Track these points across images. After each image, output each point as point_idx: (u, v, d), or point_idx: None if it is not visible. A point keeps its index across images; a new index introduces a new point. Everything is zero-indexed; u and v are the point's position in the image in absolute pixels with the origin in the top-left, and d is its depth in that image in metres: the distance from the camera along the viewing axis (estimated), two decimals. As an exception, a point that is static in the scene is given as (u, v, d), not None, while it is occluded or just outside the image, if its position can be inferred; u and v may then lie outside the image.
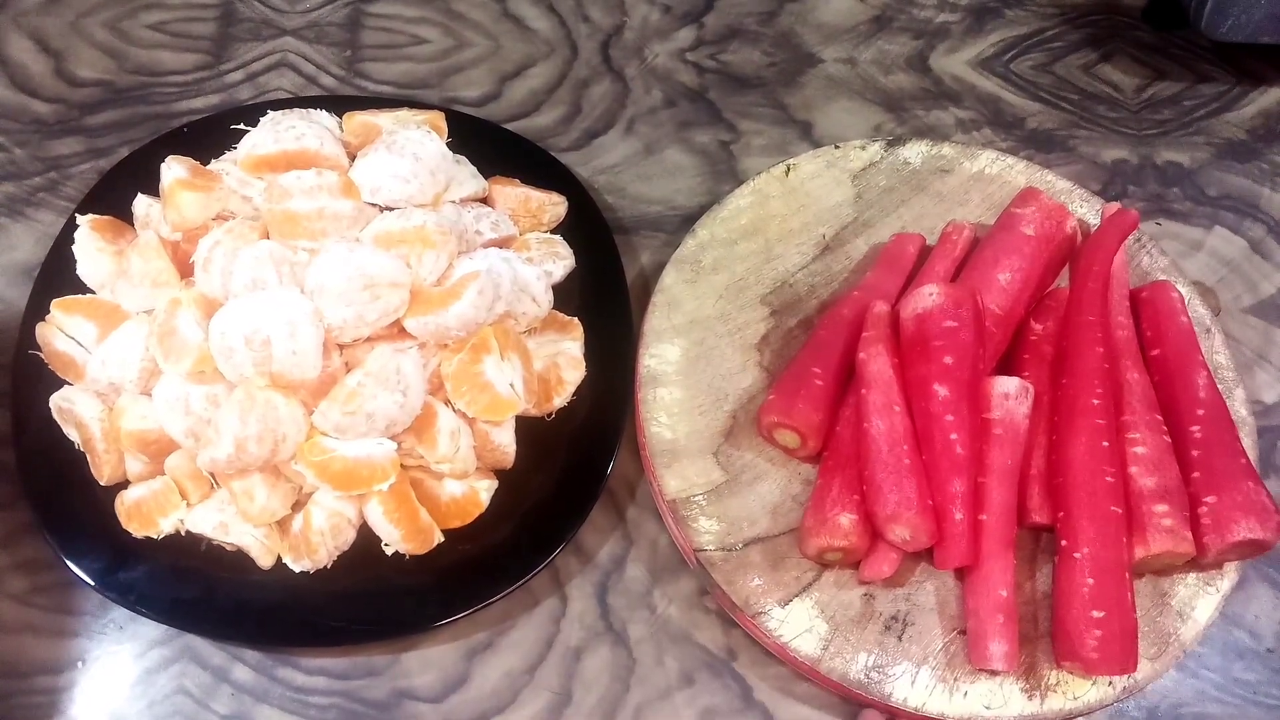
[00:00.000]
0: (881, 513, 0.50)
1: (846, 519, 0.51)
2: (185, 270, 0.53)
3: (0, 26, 0.73)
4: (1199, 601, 0.53)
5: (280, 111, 0.58)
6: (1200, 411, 0.55)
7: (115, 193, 0.59)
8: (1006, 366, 0.58)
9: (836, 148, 0.67)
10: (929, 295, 0.54)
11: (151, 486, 0.52)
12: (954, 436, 0.51)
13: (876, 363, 0.54)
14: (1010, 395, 0.53)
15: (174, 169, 0.55)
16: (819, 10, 0.79)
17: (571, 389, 0.57)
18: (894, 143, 0.67)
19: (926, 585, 0.53)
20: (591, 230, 0.62)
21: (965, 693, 0.50)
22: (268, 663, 0.52)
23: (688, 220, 0.65)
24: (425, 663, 0.53)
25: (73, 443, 0.54)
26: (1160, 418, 0.55)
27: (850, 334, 0.57)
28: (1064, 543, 0.51)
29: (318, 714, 0.51)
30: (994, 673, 0.50)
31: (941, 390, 0.52)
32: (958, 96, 0.75)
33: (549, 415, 0.57)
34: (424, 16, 0.76)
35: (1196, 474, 0.53)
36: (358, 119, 0.59)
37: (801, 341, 0.59)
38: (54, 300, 0.55)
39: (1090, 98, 0.75)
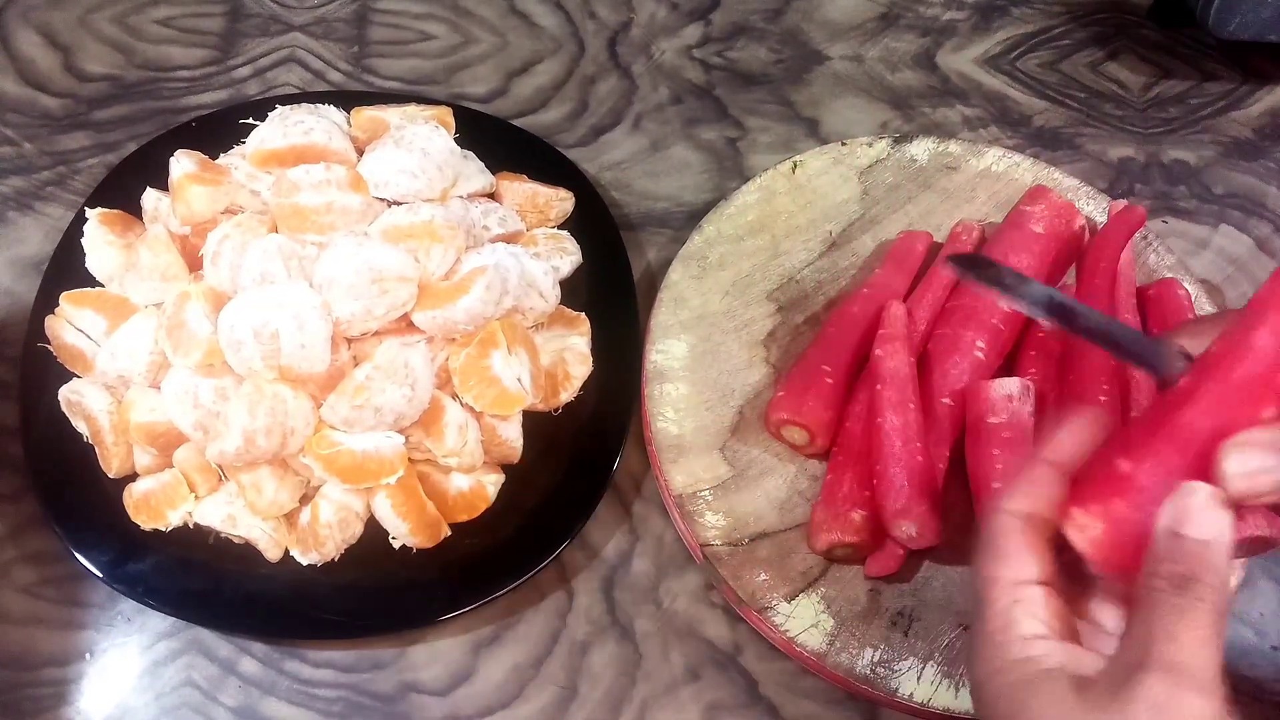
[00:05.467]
0: (891, 507, 0.50)
1: (859, 515, 0.51)
2: (194, 264, 0.53)
3: (9, 21, 0.73)
4: (1205, 598, 0.53)
5: (288, 106, 0.58)
6: (1207, 408, 0.55)
7: (124, 187, 0.59)
8: (1013, 363, 0.58)
9: (843, 144, 0.67)
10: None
11: (160, 479, 0.52)
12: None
13: (894, 360, 0.54)
14: (1014, 397, 0.53)
15: (183, 163, 0.55)
16: (826, 7, 0.79)
17: (578, 384, 0.57)
18: (900, 140, 0.67)
19: (933, 581, 0.53)
20: (598, 226, 0.62)
21: (971, 688, 0.50)
22: (275, 655, 0.53)
23: (694, 216, 0.65)
24: (432, 656, 0.53)
25: (81, 435, 0.54)
26: (1167, 415, 0.55)
27: (860, 332, 0.57)
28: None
29: (325, 706, 0.51)
30: None
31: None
32: (964, 94, 0.75)
33: (556, 410, 0.57)
34: (431, 13, 0.76)
35: (1203, 470, 0.53)
36: (366, 114, 0.59)
37: (808, 338, 0.59)
38: (63, 293, 0.55)
39: (1097, 96, 0.76)
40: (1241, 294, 0.67)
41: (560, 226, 0.62)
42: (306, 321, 0.49)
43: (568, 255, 0.60)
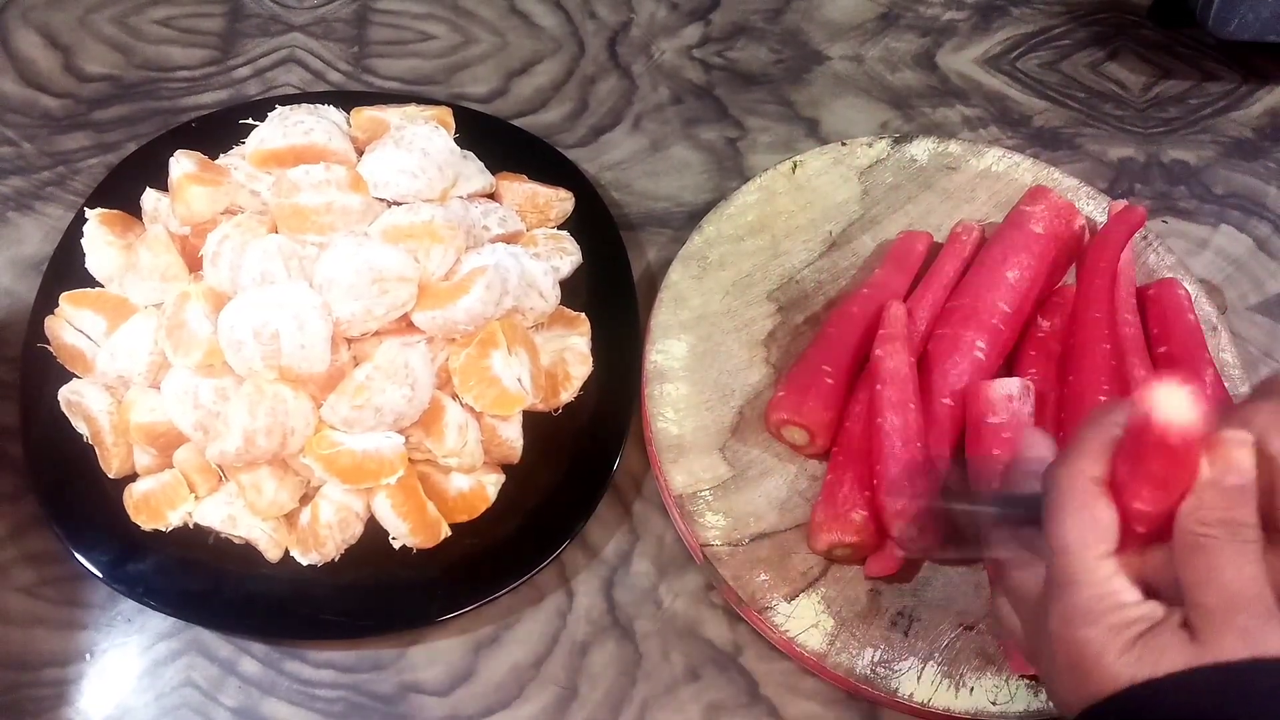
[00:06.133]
0: (891, 507, 0.50)
1: (859, 515, 0.51)
2: (194, 264, 0.53)
3: (9, 21, 0.73)
4: (1205, 598, 0.53)
5: (288, 107, 0.58)
6: (1207, 409, 0.55)
7: (123, 187, 0.59)
8: (1013, 364, 0.58)
9: (843, 145, 0.67)
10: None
11: (160, 479, 0.52)
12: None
13: (894, 360, 0.54)
14: (1014, 397, 0.53)
15: (182, 163, 0.55)
16: (826, 7, 0.79)
17: (578, 384, 0.57)
18: (901, 140, 0.67)
19: (933, 581, 0.53)
20: (598, 226, 0.62)
21: (971, 689, 0.50)
22: (275, 655, 0.53)
23: (694, 216, 0.65)
24: (432, 656, 0.53)
25: (81, 436, 0.54)
26: (1167, 415, 0.55)
27: (860, 332, 0.57)
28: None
29: (325, 707, 0.51)
30: (1035, 678, 0.50)
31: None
32: (964, 94, 0.75)
33: (556, 410, 0.57)
34: (431, 13, 0.76)
35: (1203, 471, 0.53)
36: (366, 114, 0.59)
37: (808, 338, 0.59)
38: (63, 294, 0.55)
39: (1097, 96, 0.76)
40: (1241, 294, 0.67)
41: (560, 227, 0.62)
42: (306, 322, 0.49)
43: (567, 255, 0.60)
